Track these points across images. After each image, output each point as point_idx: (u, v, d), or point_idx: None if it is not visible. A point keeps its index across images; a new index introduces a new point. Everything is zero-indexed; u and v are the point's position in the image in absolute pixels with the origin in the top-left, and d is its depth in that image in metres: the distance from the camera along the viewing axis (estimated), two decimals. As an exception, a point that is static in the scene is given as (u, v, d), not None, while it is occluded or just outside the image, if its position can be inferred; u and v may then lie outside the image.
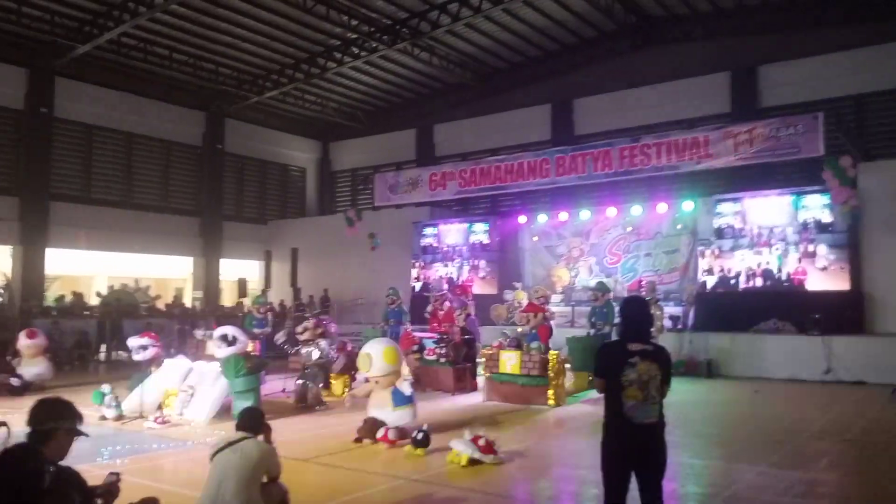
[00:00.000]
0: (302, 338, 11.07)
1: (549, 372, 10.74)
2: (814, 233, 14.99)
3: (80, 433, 3.56)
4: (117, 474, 3.79)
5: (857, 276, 14.71)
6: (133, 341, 10.73)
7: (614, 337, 13.19)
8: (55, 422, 3.47)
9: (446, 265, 20.64)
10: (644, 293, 13.40)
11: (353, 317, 21.36)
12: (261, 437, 4.93)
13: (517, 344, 11.43)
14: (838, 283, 14.68)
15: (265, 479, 4.73)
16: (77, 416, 3.59)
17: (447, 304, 14.65)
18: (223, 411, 9.37)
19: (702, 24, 19.42)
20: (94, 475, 4.22)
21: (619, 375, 4.22)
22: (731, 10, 18.69)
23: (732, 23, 18.95)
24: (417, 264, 21.19)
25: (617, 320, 6.73)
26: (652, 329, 12.69)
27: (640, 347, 4.31)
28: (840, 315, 14.19)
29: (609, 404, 4.34)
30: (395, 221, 21.65)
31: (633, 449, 4.26)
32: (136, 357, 10.60)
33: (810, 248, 14.99)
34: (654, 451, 4.30)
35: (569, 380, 11.51)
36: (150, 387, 10.01)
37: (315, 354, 10.80)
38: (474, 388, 12.29)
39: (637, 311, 4.54)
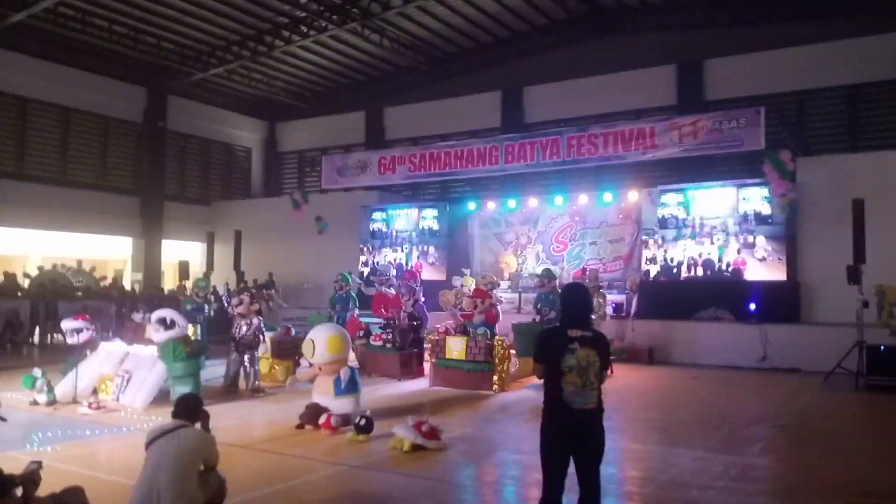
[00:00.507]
0: (237, 310, 10.68)
1: (495, 358, 10.79)
2: (753, 224, 15.40)
3: (-2, 418, 3.38)
4: (39, 462, 3.64)
5: (794, 267, 15.20)
6: (67, 324, 10.34)
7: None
8: (-30, 408, 3.29)
9: (395, 250, 20.53)
10: (587, 281, 13.57)
11: (298, 301, 21.10)
12: (198, 425, 4.80)
13: (464, 329, 11.44)
14: (776, 273, 15.13)
15: (202, 468, 4.60)
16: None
17: (392, 289, 14.59)
18: (161, 397, 9.12)
19: (651, 16, 19.65)
20: (22, 462, 4.04)
21: (559, 361, 4.27)
22: (680, 3, 18.96)
23: (680, 16, 19.22)
24: (366, 249, 21.02)
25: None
26: (595, 316, 12.92)
27: (580, 334, 4.35)
28: (777, 304, 14.65)
29: (548, 390, 4.37)
30: (343, 205, 21.39)
31: (571, 434, 4.31)
32: (71, 340, 10.23)
33: (750, 238, 15.41)
34: (593, 436, 4.36)
35: (514, 365, 11.59)
36: (85, 371, 9.68)
37: (243, 328, 10.45)
38: (420, 374, 12.27)
39: (577, 298, 4.58)
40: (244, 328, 10.51)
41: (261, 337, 10.60)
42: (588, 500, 4.36)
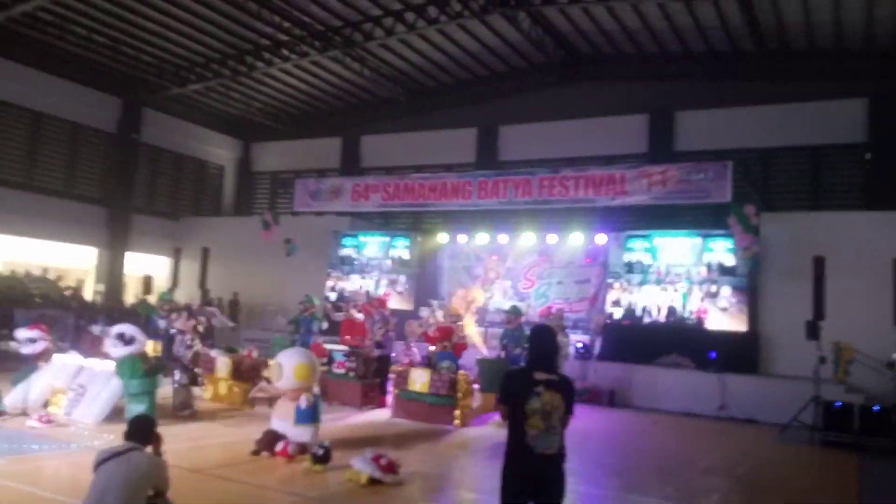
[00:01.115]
0: (175, 325, 10.30)
1: (458, 392, 10.76)
2: (717, 274, 15.68)
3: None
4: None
5: (755, 319, 15.46)
6: (21, 333, 10.08)
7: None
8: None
9: (363, 277, 20.44)
10: (552, 321, 13.66)
11: (262, 323, 20.83)
12: (150, 449, 4.69)
13: (427, 362, 11.40)
14: (737, 323, 15.38)
15: (150, 493, 4.49)
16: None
17: (360, 314, 14.48)
18: (114, 414, 8.90)
19: (627, 65, 20.10)
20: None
21: (524, 404, 4.23)
22: (654, 55, 19.43)
23: (654, 67, 19.69)
24: (334, 274, 20.89)
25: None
26: (563, 353, 12.93)
27: (546, 377, 4.32)
28: (736, 354, 14.87)
29: (512, 432, 4.34)
30: (314, 229, 21.27)
31: (532, 478, 4.25)
32: (24, 350, 9.95)
33: (713, 288, 15.66)
34: (553, 481, 4.31)
35: (477, 401, 11.55)
36: (37, 383, 9.43)
37: (179, 346, 10.00)
38: (382, 405, 12.16)
39: (544, 341, 4.56)
40: (179, 346, 10.04)
41: (181, 354, 10.05)
42: None
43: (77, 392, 9.21)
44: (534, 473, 4.26)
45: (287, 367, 7.86)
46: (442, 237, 19.79)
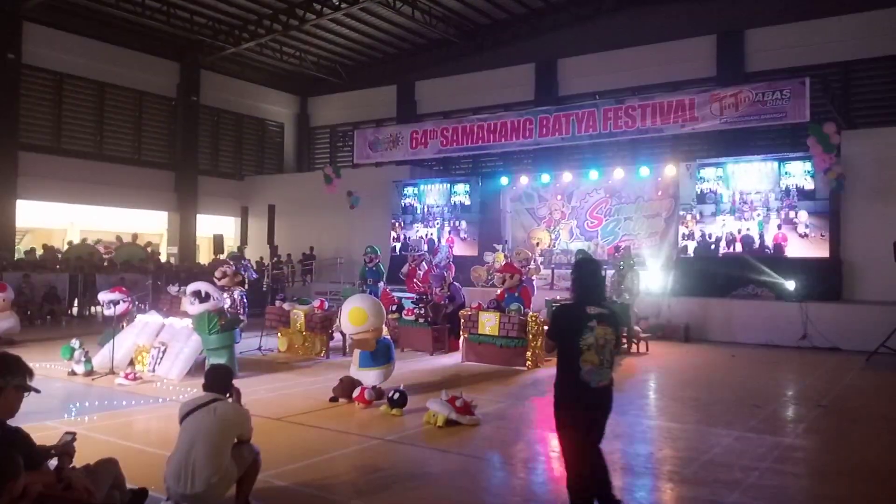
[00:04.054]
0: (220, 283, 10.11)
1: (528, 334, 10.67)
2: (795, 199, 14.98)
3: (30, 389, 3.35)
4: (73, 434, 3.60)
5: (836, 244, 14.76)
6: (104, 296, 10.45)
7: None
8: (2, 378, 3.25)
9: (427, 226, 20.43)
10: (621, 258, 13.33)
11: (331, 275, 21.17)
12: (230, 399, 4.75)
13: (497, 305, 11.32)
14: (817, 250, 14.72)
15: (236, 441, 4.57)
16: (27, 372, 3.38)
17: (424, 264, 14.48)
18: (196, 369, 9.18)
19: (689, -17, 19.08)
20: (58, 433, 4.05)
21: (578, 339, 4.19)
22: (721, -30, 18.36)
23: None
24: (397, 224, 20.96)
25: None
26: (629, 295, 12.69)
27: (598, 311, 4.28)
28: (818, 282, 14.27)
29: (565, 368, 4.30)
30: (375, 180, 21.33)
31: (591, 412, 4.28)
32: (107, 312, 10.34)
33: (791, 214, 15.00)
34: (607, 411, 4.37)
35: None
36: (122, 342, 9.80)
37: (227, 303, 9.76)
38: (453, 349, 12.20)
39: (592, 275, 4.49)
40: (227, 302, 9.79)
41: (241, 311, 9.57)
42: (601, 476, 4.34)
43: (159, 349, 9.52)
44: (591, 408, 4.27)
45: (343, 312, 7.92)
46: (503, 180, 19.50)
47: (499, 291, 11.99)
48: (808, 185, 14.86)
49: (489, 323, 11.02)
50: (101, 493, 3.63)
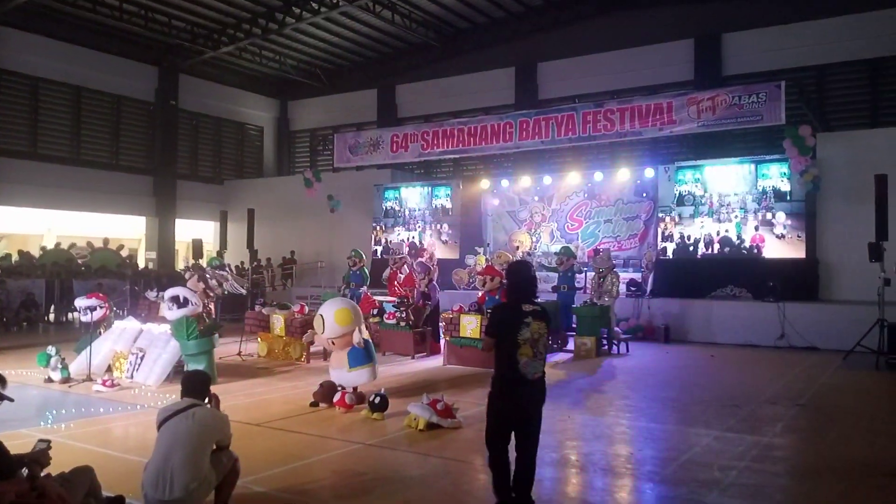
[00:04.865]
0: (188, 284, 9.94)
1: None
2: (772, 201, 15.17)
3: (3, 397, 3.30)
4: (47, 441, 3.56)
5: (813, 245, 14.96)
6: (81, 302, 10.31)
7: (583, 298, 13.30)
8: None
9: (408, 229, 20.42)
10: (599, 261, 13.39)
11: (312, 280, 21.08)
12: (209, 404, 4.72)
13: (478, 308, 11.34)
14: (794, 251, 14.91)
15: (214, 448, 4.53)
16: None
17: (406, 267, 14.48)
18: (175, 375, 9.09)
19: (667, -12, 19.25)
20: (34, 440, 3.99)
21: (515, 334, 4.54)
22: (698, -25, 18.55)
23: (698, -13, 18.82)
24: (378, 228, 20.93)
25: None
26: (608, 296, 12.75)
27: (532, 308, 4.66)
28: (795, 282, 14.45)
29: (504, 361, 4.61)
30: (356, 184, 21.29)
31: (523, 402, 4.63)
32: (84, 318, 10.20)
33: (768, 216, 15.18)
34: (540, 401, 4.72)
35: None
36: (99, 349, 9.68)
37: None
38: (435, 352, 12.20)
39: (525, 274, 4.87)
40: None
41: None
42: (525, 463, 4.65)
43: (137, 356, 9.42)
44: (526, 398, 4.63)
45: (328, 315, 7.85)
46: (484, 183, 19.55)
47: (480, 294, 12.03)
48: (785, 186, 15.05)
49: (470, 326, 11.03)
50: (75, 501, 3.58)
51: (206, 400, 4.68)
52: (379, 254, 20.25)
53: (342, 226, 20.95)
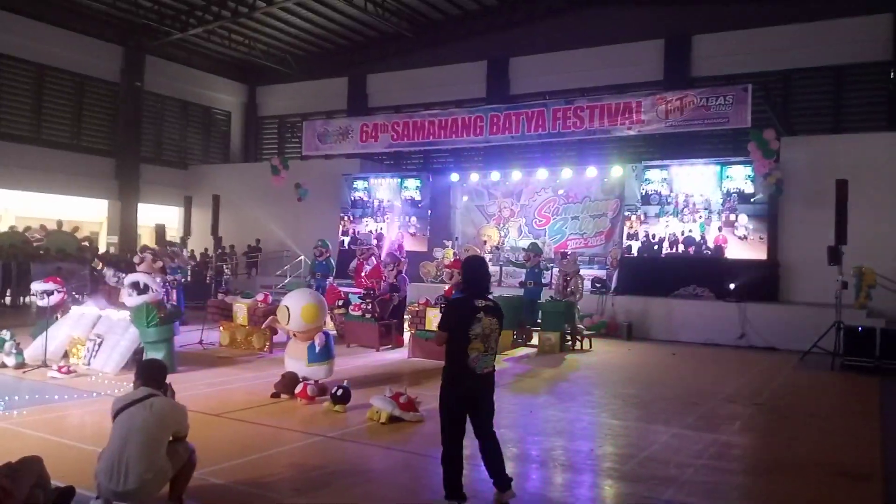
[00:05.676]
0: (139, 269, 9.81)
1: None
2: (736, 203, 15.40)
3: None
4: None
5: (774, 247, 15.24)
6: (37, 286, 10.04)
7: (548, 295, 13.37)
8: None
9: (376, 220, 20.30)
10: (566, 265, 13.46)
11: (277, 268, 20.87)
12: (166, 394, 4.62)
13: (445, 301, 11.32)
14: (756, 252, 15.17)
15: (171, 438, 4.44)
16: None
17: (373, 259, 14.40)
18: (133, 363, 8.91)
19: (640, -13, 19.40)
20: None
21: (467, 329, 4.60)
22: (670, -24, 18.72)
23: (670, -11, 19.00)
24: (346, 218, 20.77)
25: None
26: (576, 296, 12.81)
27: (485, 304, 4.72)
28: (756, 283, 14.70)
29: (454, 356, 4.68)
30: (324, 172, 21.09)
31: (472, 396, 4.72)
32: (41, 303, 9.95)
33: (732, 217, 15.41)
34: (489, 396, 4.81)
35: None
36: (55, 334, 9.45)
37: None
38: (399, 344, 12.16)
39: (479, 270, 4.93)
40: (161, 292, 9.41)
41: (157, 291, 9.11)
42: (491, 447, 4.78)
43: (95, 342, 9.22)
44: (475, 391, 4.71)
45: (294, 309, 7.73)
46: (454, 176, 19.52)
47: (447, 287, 12.01)
48: (748, 188, 15.29)
49: (436, 319, 11.00)
50: (21, 493, 3.48)
51: (163, 390, 4.59)
52: (346, 244, 20.11)
53: (309, 215, 20.76)
